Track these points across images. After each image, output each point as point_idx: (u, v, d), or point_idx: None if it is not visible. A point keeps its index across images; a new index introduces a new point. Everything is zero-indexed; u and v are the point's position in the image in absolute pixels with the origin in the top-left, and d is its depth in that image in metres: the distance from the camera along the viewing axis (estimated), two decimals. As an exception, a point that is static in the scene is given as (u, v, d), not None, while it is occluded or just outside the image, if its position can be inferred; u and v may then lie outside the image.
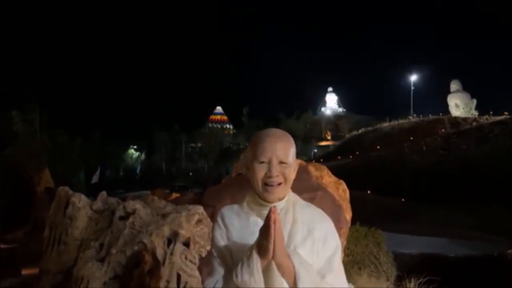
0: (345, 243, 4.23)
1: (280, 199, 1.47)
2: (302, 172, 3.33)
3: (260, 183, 1.44)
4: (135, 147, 57.64)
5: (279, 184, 1.44)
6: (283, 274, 1.25)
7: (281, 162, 1.43)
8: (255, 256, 1.26)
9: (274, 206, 1.31)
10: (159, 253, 2.06)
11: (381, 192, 27.59)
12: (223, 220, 1.54)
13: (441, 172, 28.76)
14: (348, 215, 4.27)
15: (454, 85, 49.58)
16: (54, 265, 2.21)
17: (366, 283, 4.13)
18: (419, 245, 8.94)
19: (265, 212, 1.30)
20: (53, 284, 2.17)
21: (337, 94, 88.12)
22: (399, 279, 4.55)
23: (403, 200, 26.48)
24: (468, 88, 49.75)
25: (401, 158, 34.62)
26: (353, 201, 4.10)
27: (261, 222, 1.34)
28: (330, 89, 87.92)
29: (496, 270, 5.90)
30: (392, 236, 9.73)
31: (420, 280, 4.36)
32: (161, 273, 1.81)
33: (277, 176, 1.42)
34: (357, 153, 40.89)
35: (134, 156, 56.78)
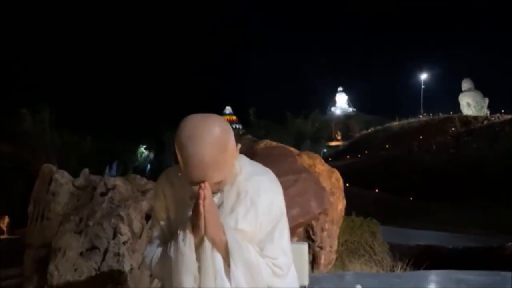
0: (338, 231, 4.24)
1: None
2: (288, 155, 3.36)
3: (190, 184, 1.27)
4: (145, 146, 58.17)
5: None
6: (217, 249, 1.26)
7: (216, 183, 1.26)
8: (188, 232, 1.25)
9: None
10: (136, 226, 2.12)
11: (390, 191, 27.41)
12: (163, 189, 1.42)
13: (451, 171, 28.45)
14: (341, 203, 4.27)
15: (466, 84, 48.89)
16: (38, 239, 2.28)
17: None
18: (421, 239, 8.89)
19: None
20: (36, 258, 2.24)
21: (347, 93, 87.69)
22: (394, 268, 4.55)
23: (411, 199, 26.29)
24: (480, 86, 49.07)
25: (411, 157, 34.33)
26: (361, 200, 4.09)
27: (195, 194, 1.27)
28: (340, 88, 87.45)
29: (496, 262, 5.84)
30: (396, 230, 9.71)
31: (414, 269, 4.36)
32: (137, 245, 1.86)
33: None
34: (366, 152, 40.66)
35: (144, 155, 57.29)
